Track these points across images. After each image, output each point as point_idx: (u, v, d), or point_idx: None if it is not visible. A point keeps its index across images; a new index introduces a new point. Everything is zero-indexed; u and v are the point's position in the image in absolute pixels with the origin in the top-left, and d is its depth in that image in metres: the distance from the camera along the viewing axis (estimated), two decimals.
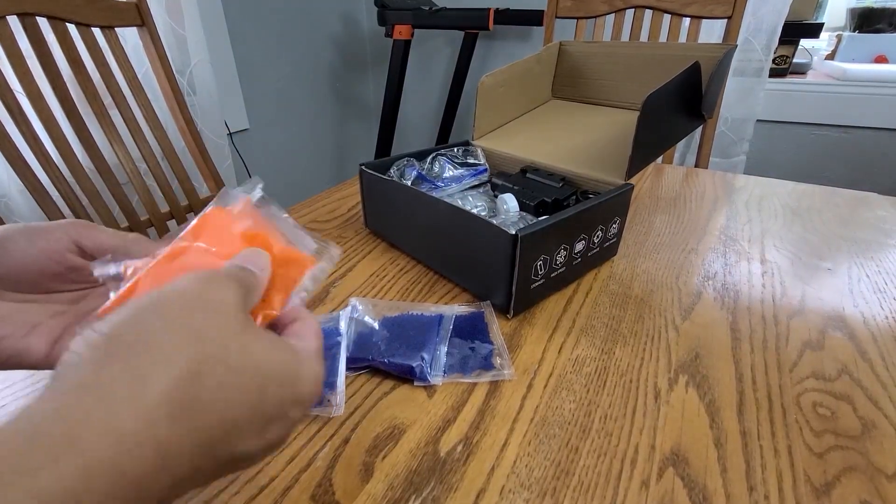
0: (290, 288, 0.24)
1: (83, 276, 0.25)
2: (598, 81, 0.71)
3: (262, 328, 0.20)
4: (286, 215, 0.27)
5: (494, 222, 0.42)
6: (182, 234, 0.24)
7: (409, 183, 0.57)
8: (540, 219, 0.43)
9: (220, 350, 0.17)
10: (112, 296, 0.22)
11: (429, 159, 0.63)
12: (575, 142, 0.63)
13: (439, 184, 0.60)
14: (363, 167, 0.57)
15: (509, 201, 0.53)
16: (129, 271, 0.23)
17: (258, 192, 0.27)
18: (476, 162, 0.63)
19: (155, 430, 0.14)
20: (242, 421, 0.17)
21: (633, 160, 0.49)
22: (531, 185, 0.57)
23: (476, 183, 0.63)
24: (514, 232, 0.39)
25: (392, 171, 0.59)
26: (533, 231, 0.40)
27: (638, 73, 0.67)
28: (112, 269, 0.23)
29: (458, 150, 0.64)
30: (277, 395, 0.18)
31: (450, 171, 0.61)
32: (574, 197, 0.54)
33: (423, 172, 0.60)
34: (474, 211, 0.52)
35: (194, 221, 0.24)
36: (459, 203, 0.52)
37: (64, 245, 0.25)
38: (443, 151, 0.63)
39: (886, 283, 0.50)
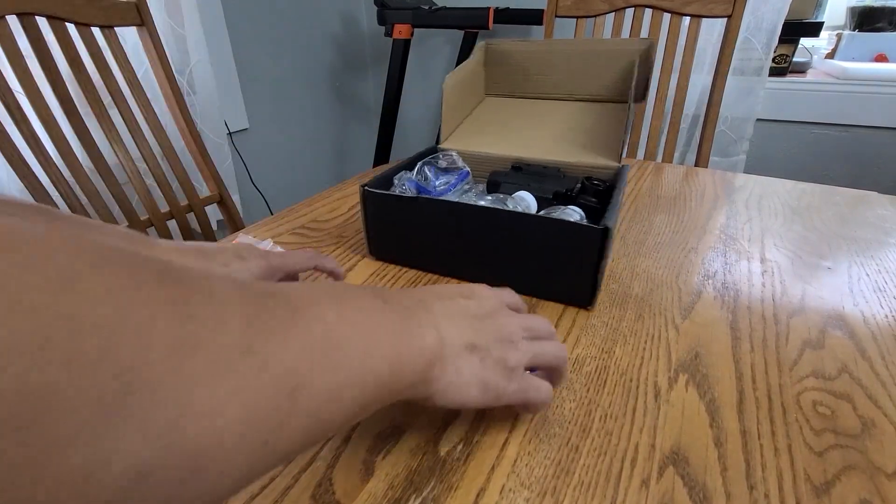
0: None
1: None
2: (535, 77, 0.72)
3: None
4: None
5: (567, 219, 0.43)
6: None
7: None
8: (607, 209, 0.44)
9: None
10: None
11: (415, 170, 0.59)
12: (541, 133, 0.64)
13: (434, 193, 0.58)
14: (367, 188, 0.51)
15: (527, 198, 0.53)
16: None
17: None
18: (457, 166, 0.61)
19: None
20: None
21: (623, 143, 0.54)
22: (533, 179, 0.57)
23: (467, 187, 0.61)
24: (602, 226, 0.41)
25: (395, 187, 0.55)
26: (614, 222, 0.42)
27: (568, 67, 0.69)
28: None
29: (441, 156, 0.61)
30: None
31: (439, 179, 0.59)
32: (580, 184, 0.54)
33: (422, 184, 0.58)
34: None
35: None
36: None
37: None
38: (427, 160, 0.61)
39: (886, 282, 0.50)
